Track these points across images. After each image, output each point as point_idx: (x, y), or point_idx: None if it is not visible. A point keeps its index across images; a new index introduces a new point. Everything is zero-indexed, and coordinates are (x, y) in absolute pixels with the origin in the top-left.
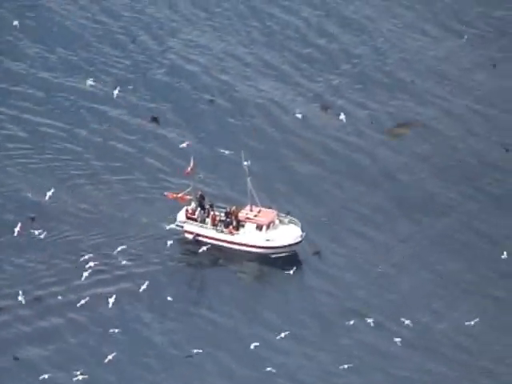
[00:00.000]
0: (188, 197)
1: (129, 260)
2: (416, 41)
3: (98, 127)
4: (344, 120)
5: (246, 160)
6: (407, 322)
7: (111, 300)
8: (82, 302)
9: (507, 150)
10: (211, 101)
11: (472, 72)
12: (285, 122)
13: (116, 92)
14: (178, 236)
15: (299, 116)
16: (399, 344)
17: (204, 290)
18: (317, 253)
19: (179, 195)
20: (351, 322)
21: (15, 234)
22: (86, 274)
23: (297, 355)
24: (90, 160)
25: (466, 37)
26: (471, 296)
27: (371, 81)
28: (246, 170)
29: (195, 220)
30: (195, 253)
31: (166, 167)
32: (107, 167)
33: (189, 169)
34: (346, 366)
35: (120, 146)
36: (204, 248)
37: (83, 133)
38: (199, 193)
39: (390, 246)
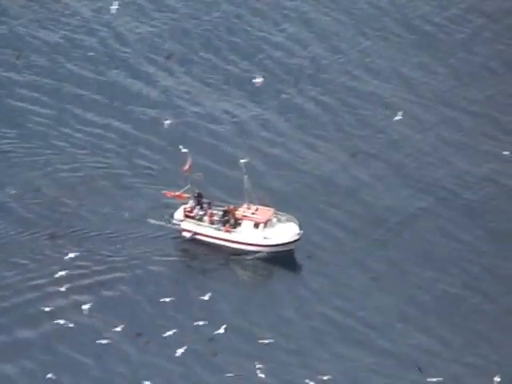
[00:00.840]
0: (186, 195)
1: (124, 259)
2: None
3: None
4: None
5: (242, 158)
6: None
7: (87, 307)
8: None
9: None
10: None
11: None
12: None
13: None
14: (176, 234)
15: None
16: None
17: (200, 287)
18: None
19: (177, 193)
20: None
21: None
22: (68, 274)
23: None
24: (74, 153)
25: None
26: (444, 304)
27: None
28: (243, 167)
29: (193, 218)
30: (192, 251)
31: (156, 162)
32: (94, 161)
33: (187, 166)
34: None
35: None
36: (201, 246)
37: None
38: (197, 191)
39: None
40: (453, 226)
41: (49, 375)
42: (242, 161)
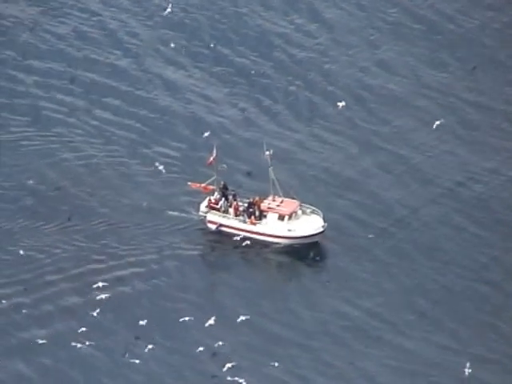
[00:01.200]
0: (211, 187)
1: (142, 253)
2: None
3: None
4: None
5: (268, 150)
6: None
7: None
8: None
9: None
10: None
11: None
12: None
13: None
14: (201, 226)
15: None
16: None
17: (225, 279)
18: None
19: (202, 185)
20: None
21: None
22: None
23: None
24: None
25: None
26: (454, 295)
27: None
28: (268, 159)
29: (218, 210)
30: (217, 243)
31: (175, 152)
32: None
33: (211, 158)
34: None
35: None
36: (226, 238)
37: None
38: (222, 183)
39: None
40: (461, 217)
41: (62, 372)
42: (266, 153)
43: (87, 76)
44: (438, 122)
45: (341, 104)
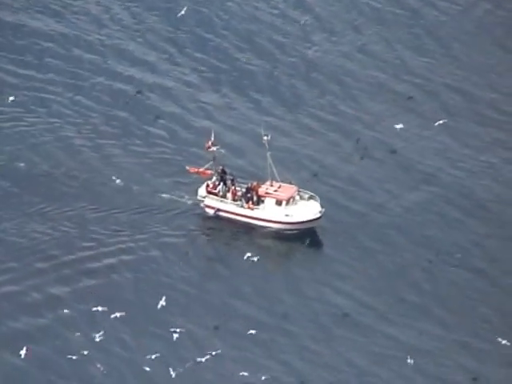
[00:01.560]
0: (210, 171)
1: (139, 237)
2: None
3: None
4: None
5: (266, 134)
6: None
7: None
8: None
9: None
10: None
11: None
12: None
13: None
14: (199, 211)
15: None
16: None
17: (222, 264)
18: None
19: (201, 169)
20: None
21: None
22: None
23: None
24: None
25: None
26: (440, 283)
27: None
28: (266, 144)
29: (216, 195)
30: (215, 227)
31: (169, 135)
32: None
33: (209, 143)
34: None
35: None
36: (223, 223)
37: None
38: (220, 167)
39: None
40: (443, 203)
41: (51, 361)
42: (265, 138)
43: (71, 57)
44: (440, 122)
45: (398, 127)
